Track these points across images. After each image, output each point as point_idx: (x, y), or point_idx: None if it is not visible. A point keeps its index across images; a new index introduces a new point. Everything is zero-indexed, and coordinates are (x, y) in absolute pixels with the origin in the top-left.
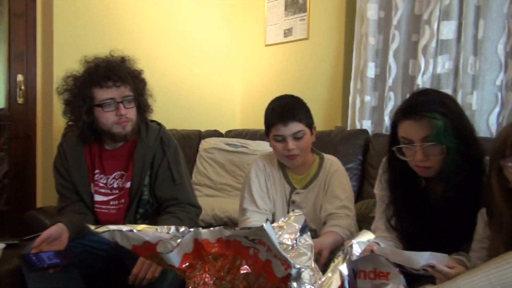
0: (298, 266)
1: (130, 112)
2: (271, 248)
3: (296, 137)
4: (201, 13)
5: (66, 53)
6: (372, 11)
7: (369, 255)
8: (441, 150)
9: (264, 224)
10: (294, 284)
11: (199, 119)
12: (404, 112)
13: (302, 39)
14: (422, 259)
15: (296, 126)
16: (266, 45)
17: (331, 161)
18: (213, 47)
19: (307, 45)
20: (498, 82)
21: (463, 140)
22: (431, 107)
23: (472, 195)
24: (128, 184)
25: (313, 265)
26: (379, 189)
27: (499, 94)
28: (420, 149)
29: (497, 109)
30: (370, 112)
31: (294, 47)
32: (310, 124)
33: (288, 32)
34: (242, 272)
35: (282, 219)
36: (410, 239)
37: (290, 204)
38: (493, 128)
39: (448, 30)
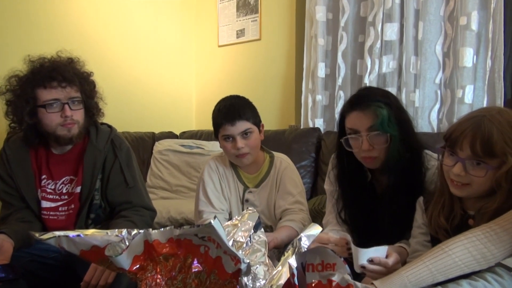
0: (248, 261)
1: (77, 114)
2: (221, 244)
3: (245, 135)
4: (153, 14)
5: (10, 52)
6: (320, 13)
7: (316, 248)
8: (385, 139)
9: (212, 221)
10: (245, 278)
11: (153, 121)
12: (351, 103)
13: (255, 40)
14: (363, 257)
15: (243, 125)
16: (219, 46)
17: (281, 159)
18: (166, 48)
19: (259, 46)
20: (437, 81)
21: (404, 131)
22: (375, 98)
23: (413, 186)
24: (78, 189)
25: (267, 261)
26: (329, 185)
27: (439, 92)
28: (366, 139)
29: (437, 106)
30: (322, 111)
31: (247, 48)
32: (257, 122)
33: (240, 33)
34: (193, 270)
35: (236, 217)
36: (360, 231)
37: (244, 203)
38: (434, 123)
39: (391, 32)
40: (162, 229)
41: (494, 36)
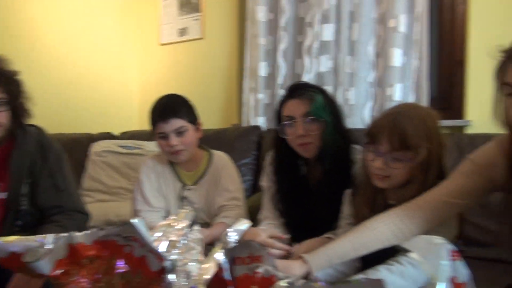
0: (172, 258)
1: (1, 116)
2: (144, 243)
3: (179, 132)
4: (91, 10)
5: None
6: (261, 13)
7: (244, 241)
8: (320, 125)
9: (133, 220)
10: (169, 276)
11: (90, 121)
12: (289, 92)
13: (197, 39)
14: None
15: (177, 122)
16: (161, 44)
17: (220, 156)
18: (104, 46)
19: (202, 44)
20: (370, 79)
21: (337, 119)
22: (312, 86)
23: (344, 178)
24: (3, 195)
25: (202, 259)
26: (265, 181)
27: (371, 90)
28: (301, 124)
29: (370, 104)
30: (263, 109)
31: (189, 47)
32: (193, 120)
33: (183, 31)
34: (118, 271)
35: (171, 216)
36: (296, 224)
37: (182, 200)
38: (368, 121)
39: (327, 32)
40: (88, 231)
41: (420, 38)
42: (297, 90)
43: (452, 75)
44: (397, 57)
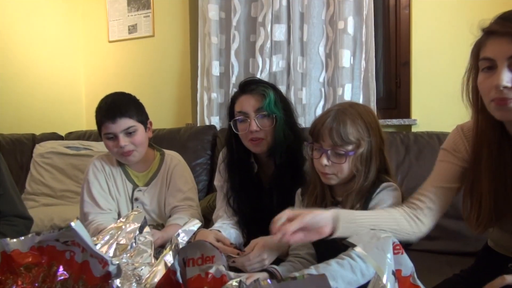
0: (117, 262)
1: None
2: (85, 248)
3: (128, 133)
4: (34, 5)
5: None
6: (213, 12)
7: (196, 242)
8: (272, 120)
9: (72, 223)
10: (117, 281)
11: (34, 121)
12: (240, 88)
13: (148, 36)
14: None
15: (125, 122)
16: (110, 41)
17: (172, 156)
18: (48, 42)
19: (153, 42)
20: (321, 79)
21: (288, 115)
22: (263, 82)
23: (295, 175)
24: None
25: (153, 261)
26: (218, 180)
27: (323, 90)
28: (254, 119)
29: (321, 103)
30: (217, 109)
31: (140, 44)
32: (143, 120)
33: (132, 28)
34: (59, 278)
35: (121, 219)
36: (249, 222)
37: (133, 202)
38: None
39: (279, 33)
40: (23, 237)
41: (367, 40)
42: (249, 86)
43: (398, 76)
44: (346, 58)
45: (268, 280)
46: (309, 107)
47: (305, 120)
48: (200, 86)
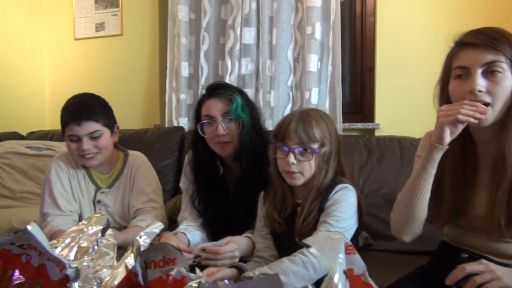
0: (75, 265)
1: None
2: (42, 251)
3: (93, 137)
4: None
5: None
6: (183, 13)
7: (158, 244)
8: (238, 124)
9: (29, 226)
10: (75, 284)
11: None
12: (208, 91)
13: (116, 35)
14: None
15: (91, 126)
16: (76, 39)
17: (135, 156)
18: (10, 38)
19: (121, 41)
20: (289, 83)
21: (255, 119)
22: (230, 86)
23: (260, 178)
24: None
25: (115, 264)
26: (183, 182)
27: (290, 93)
28: (221, 123)
29: (289, 106)
30: (185, 110)
31: (107, 43)
32: (110, 124)
33: (100, 26)
34: (14, 283)
35: (83, 221)
36: (215, 224)
37: (96, 204)
38: None
39: (249, 36)
40: None
41: (334, 45)
42: (217, 89)
43: (363, 82)
44: (313, 62)
45: (226, 281)
46: (277, 110)
47: (273, 123)
48: (169, 87)
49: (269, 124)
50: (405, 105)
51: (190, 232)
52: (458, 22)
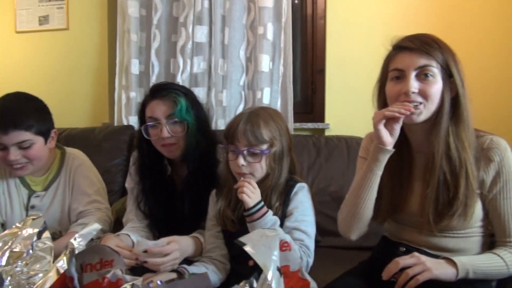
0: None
1: None
2: None
3: (22, 147)
4: None
5: None
6: (133, 8)
7: (94, 246)
8: (183, 126)
9: None
10: None
11: None
12: (151, 92)
13: (61, 29)
14: (142, 245)
15: (20, 136)
16: (17, 32)
17: (74, 155)
18: None
19: (67, 36)
20: (241, 83)
21: (201, 121)
22: (175, 87)
23: (209, 177)
24: None
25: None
26: (129, 182)
27: (243, 93)
28: (165, 126)
29: (241, 105)
30: (135, 108)
31: (52, 37)
32: (44, 130)
33: (43, 19)
34: None
35: (17, 224)
36: (161, 225)
37: (29, 210)
38: None
39: (201, 34)
40: None
41: (285, 46)
42: (160, 91)
43: (314, 83)
44: (265, 62)
45: (158, 282)
46: (229, 110)
47: (225, 122)
48: (118, 84)
49: (222, 124)
50: (354, 105)
51: (135, 234)
52: (402, 26)
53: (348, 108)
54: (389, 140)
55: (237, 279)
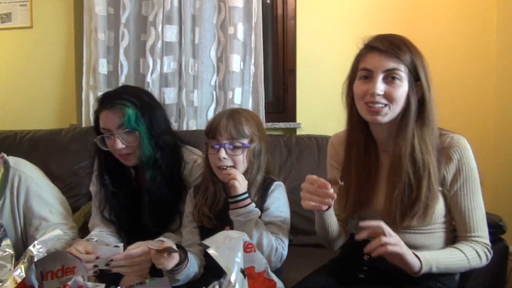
0: None
1: None
2: None
3: None
4: None
5: None
6: (100, 7)
7: (55, 252)
8: (135, 136)
9: None
10: None
11: None
12: (100, 103)
13: (25, 27)
14: (105, 252)
15: None
16: None
17: (20, 172)
18: None
19: (31, 34)
20: (212, 83)
21: (156, 128)
22: (123, 97)
23: (173, 179)
24: None
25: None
26: (93, 186)
27: (214, 93)
28: (117, 137)
29: (213, 105)
30: None
31: (15, 35)
32: None
33: (6, 17)
34: None
35: None
36: (126, 228)
37: None
38: None
39: (171, 34)
40: None
41: (256, 46)
42: (108, 101)
43: (285, 82)
44: (236, 62)
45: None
46: (201, 110)
47: (196, 123)
48: (86, 84)
49: (193, 124)
50: (324, 104)
51: (103, 238)
52: (371, 25)
53: (319, 108)
54: (324, 208)
55: (212, 274)
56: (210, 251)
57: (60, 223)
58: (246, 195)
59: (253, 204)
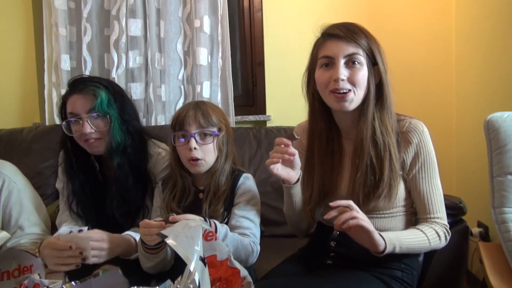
0: None
1: None
2: None
3: None
4: None
5: None
6: (59, 1)
7: (10, 251)
8: (106, 121)
9: None
10: None
11: None
12: (70, 87)
13: None
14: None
15: None
16: None
17: (4, 176)
18: None
19: None
20: (180, 77)
21: (126, 114)
22: (94, 80)
23: (138, 171)
24: None
25: None
26: (59, 182)
27: (182, 87)
28: (87, 121)
29: (181, 100)
30: None
31: None
32: None
33: None
34: None
35: None
36: (95, 224)
37: None
38: None
39: (135, 28)
40: None
41: (223, 39)
42: (79, 85)
43: (254, 75)
44: (203, 56)
45: (72, 283)
46: (169, 105)
47: (165, 118)
48: (48, 81)
49: (162, 119)
50: (293, 96)
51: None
52: (336, 17)
53: (289, 99)
54: (292, 176)
55: (181, 267)
56: (169, 241)
57: (34, 233)
58: (212, 227)
59: (220, 227)
